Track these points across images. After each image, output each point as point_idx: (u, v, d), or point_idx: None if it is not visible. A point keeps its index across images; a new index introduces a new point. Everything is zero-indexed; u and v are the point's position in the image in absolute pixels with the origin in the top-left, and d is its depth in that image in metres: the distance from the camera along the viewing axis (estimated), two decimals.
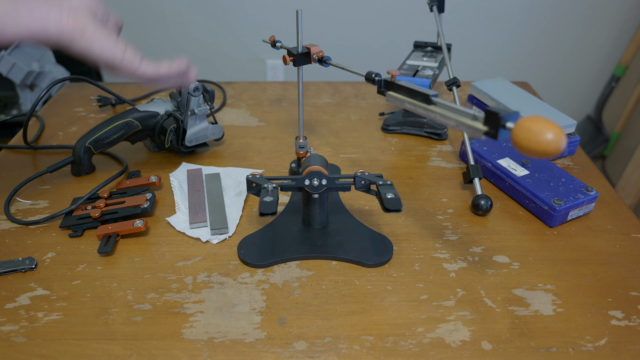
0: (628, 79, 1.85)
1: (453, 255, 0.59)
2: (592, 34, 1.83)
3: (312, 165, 0.57)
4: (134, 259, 0.58)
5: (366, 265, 0.57)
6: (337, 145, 0.81)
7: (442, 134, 0.82)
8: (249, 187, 0.57)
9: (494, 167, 0.70)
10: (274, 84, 1.02)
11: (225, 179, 0.71)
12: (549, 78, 1.93)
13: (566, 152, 0.79)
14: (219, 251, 0.59)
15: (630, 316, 0.52)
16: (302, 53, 0.60)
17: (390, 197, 0.52)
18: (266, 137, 0.83)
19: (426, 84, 0.77)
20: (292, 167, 0.73)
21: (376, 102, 0.95)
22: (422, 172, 0.75)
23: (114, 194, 0.67)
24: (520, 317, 0.51)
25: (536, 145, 0.35)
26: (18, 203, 0.67)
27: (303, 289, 0.54)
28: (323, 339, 0.49)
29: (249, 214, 0.66)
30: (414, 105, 0.48)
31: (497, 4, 1.75)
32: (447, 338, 0.49)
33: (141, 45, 1.82)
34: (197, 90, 0.72)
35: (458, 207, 0.67)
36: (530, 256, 0.59)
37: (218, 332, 0.49)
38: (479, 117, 0.41)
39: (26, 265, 0.56)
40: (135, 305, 0.52)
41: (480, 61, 1.88)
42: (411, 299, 0.53)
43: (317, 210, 0.60)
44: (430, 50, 0.89)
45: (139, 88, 0.98)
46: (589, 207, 0.65)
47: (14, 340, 0.48)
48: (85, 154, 0.70)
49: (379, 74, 0.52)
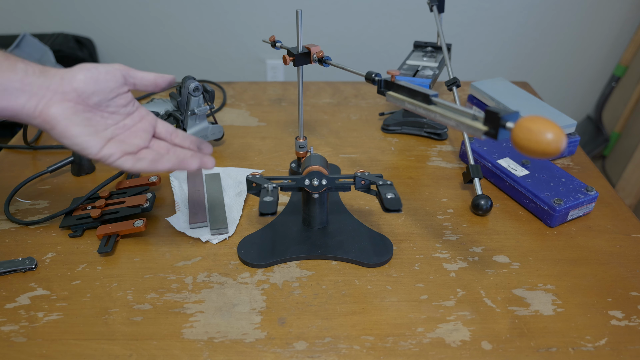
0: (628, 79, 1.84)
1: (453, 255, 0.59)
2: (592, 34, 1.82)
3: (312, 165, 0.57)
4: (134, 259, 0.58)
5: (366, 265, 0.57)
6: (337, 145, 0.81)
7: (442, 134, 0.82)
8: (249, 187, 0.57)
9: (494, 167, 0.70)
10: (274, 84, 1.02)
11: (225, 179, 0.71)
12: (549, 78, 1.93)
13: (566, 152, 0.79)
14: (219, 251, 0.59)
15: (630, 316, 0.52)
16: (302, 53, 0.60)
17: (390, 197, 0.52)
18: (266, 137, 0.83)
19: (426, 84, 0.77)
20: (292, 167, 0.73)
21: (376, 102, 0.95)
22: (422, 172, 0.75)
23: (114, 194, 0.67)
24: (520, 317, 0.51)
25: (536, 145, 0.35)
26: (18, 203, 0.67)
27: (303, 289, 0.54)
28: (323, 339, 0.49)
29: (249, 214, 0.66)
30: (414, 105, 0.48)
31: (497, 4, 1.75)
32: (447, 338, 0.49)
33: (141, 45, 1.82)
34: (197, 90, 0.72)
35: (458, 207, 0.67)
36: (530, 256, 0.59)
37: (218, 332, 0.49)
38: (479, 117, 0.41)
39: (26, 265, 0.56)
40: (135, 305, 0.52)
41: (480, 61, 1.88)
42: (411, 299, 0.53)
43: (317, 210, 0.60)
44: (430, 50, 0.89)
45: None
46: (589, 207, 0.65)
47: (14, 340, 0.48)
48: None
49: (379, 74, 0.52)
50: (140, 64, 1.86)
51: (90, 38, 1.79)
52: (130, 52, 1.84)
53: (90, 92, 0.47)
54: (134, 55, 1.85)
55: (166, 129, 0.53)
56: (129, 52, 1.84)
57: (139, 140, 0.51)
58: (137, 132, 0.51)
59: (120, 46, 1.82)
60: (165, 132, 0.53)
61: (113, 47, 1.82)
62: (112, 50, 1.83)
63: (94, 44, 1.80)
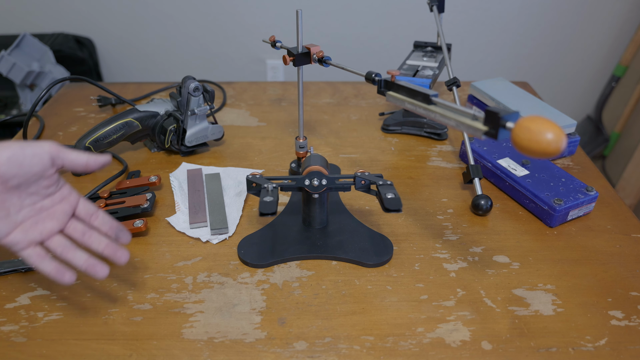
0: (628, 79, 1.84)
1: (453, 255, 0.59)
2: (592, 34, 1.82)
3: (312, 165, 0.57)
4: (134, 259, 0.58)
5: (366, 265, 0.57)
6: (337, 145, 0.81)
7: (442, 134, 0.82)
8: (249, 187, 0.57)
9: (494, 167, 0.70)
10: (274, 84, 1.02)
11: (225, 179, 0.71)
12: (549, 78, 1.93)
13: (566, 152, 0.79)
14: (219, 251, 0.59)
15: (630, 316, 0.52)
16: (302, 53, 0.60)
17: (390, 197, 0.52)
18: (266, 137, 0.83)
19: (426, 84, 0.77)
20: (292, 167, 0.73)
21: (376, 102, 0.95)
22: (422, 172, 0.75)
23: (114, 194, 0.67)
24: (520, 317, 0.51)
25: (536, 145, 0.35)
26: None
27: (303, 289, 0.54)
28: (323, 339, 0.49)
29: (249, 214, 0.66)
30: (414, 105, 0.48)
31: (497, 4, 1.75)
32: (447, 338, 0.49)
33: (141, 45, 1.82)
34: (197, 90, 0.72)
35: (458, 207, 0.67)
36: (530, 256, 0.59)
37: (218, 332, 0.49)
38: (479, 117, 0.41)
39: (26, 265, 0.56)
40: (135, 305, 0.52)
41: (480, 61, 1.88)
42: (411, 299, 0.53)
43: (317, 210, 0.60)
44: (430, 50, 0.89)
45: (139, 88, 0.98)
46: (589, 207, 0.65)
47: (14, 340, 0.48)
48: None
49: (379, 74, 0.52)
50: (141, 64, 1.86)
51: (90, 38, 1.79)
52: (130, 52, 1.84)
53: (12, 175, 0.43)
54: (134, 55, 1.85)
55: (87, 210, 0.50)
56: (129, 52, 1.84)
57: (54, 223, 0.47)
58: (54, 214, 0.47)
59: (120, 46, 1.82)
60: (85, 214, 0.50)
61: (113, 47, 1.82)
62: (112, 50, 1.83)
63: (94, 44, 1.80)
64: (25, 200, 0.46)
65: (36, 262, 0.46)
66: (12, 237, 0.45)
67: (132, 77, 1.89)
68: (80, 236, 0.49)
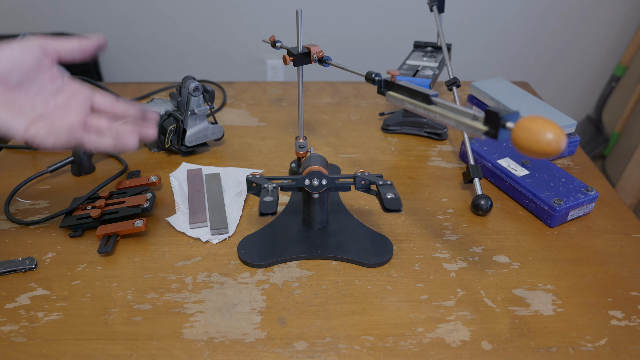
0: (628, 79, 1.84)
1: (453, 255, 0.59)
2: (592, 34, 1.82)
3: (312, 165, 0.57)
4: (134, 259, 0.58)
5: (366, 265, 0.57)
6: (337, 145, 0.81)
7: (442, 134, 0.82)
8: (249, 187, 0.57)
9: (494, 167, 0.70)
10: (274, 84, 1.02)
11: (225, 179, 0.71)
12: (549, 78, 1.93)
13: (566, 152, 0.79)
14: (219, 251, 0.59)
15: (630, 316, 0.52)
16: (302, 53, 0.60)
17: (390, 197, 0.52)
18: (266, 137, 0.83)
19: (426, 84, 0.77)
20: (292, 167, 0.73)
21: (376, 102, 0.95)
22: (422, 172, 0.75)
23: (114, 194, 0.67)
24: (520, 317, 0.51)
25: (536, 145, 0.35)
26: (18, 203, 0.67)
27: (303, 289, 0.54)
28: (323, 339, 0.49)
29: (249, 214, 0.66)
30: (414, 105, 0.48)
31: (497, 4, 1.75)
32: (447, 338, 0.49)
33: (141, 45, 1.82)
34: (197, 90, 0.72)
35: (458, 207, 0.67)
36: (530, 256, 0.59)
37: (218, 332, 0.49)
38: (479, 117, 0.41)
39: (26, 265, 0.56)
40: (135, 305, 0.52)
41: (480, 61, 1.88)
42: (411, 299, 0.53)
43: (317, 210, 0.60)
44: (430, 50, 0.89)
45: (139, 88, 0.98)
46: (589, 207, 0.65)
47: (14, 340, 0.48)
48: (85, 154, 0.70)
49: (379, 74, 0.52)
50: (141, 64, 1.86)
51: None
52: (130, 52, 1.84)
53: (7, 71, 0.44)
54: (134, 55, 1.85)
55: (106, 100, 0.50)
56: (129, 52, 1.84)
57: (73, 117, 0.47)
58: (71, 109, 0.47)
59: (120, 46, 1.82)
60: (105, 104, 0.49)
61: (113, 47, 1.83)
62: (112, 50, 1.83)
63: None
64: (35, 99, 0.46)
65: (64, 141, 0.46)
66: (32, 130, 0.45)
67: (132, 77, 1.89)
68: (105, 129, 0.49)
